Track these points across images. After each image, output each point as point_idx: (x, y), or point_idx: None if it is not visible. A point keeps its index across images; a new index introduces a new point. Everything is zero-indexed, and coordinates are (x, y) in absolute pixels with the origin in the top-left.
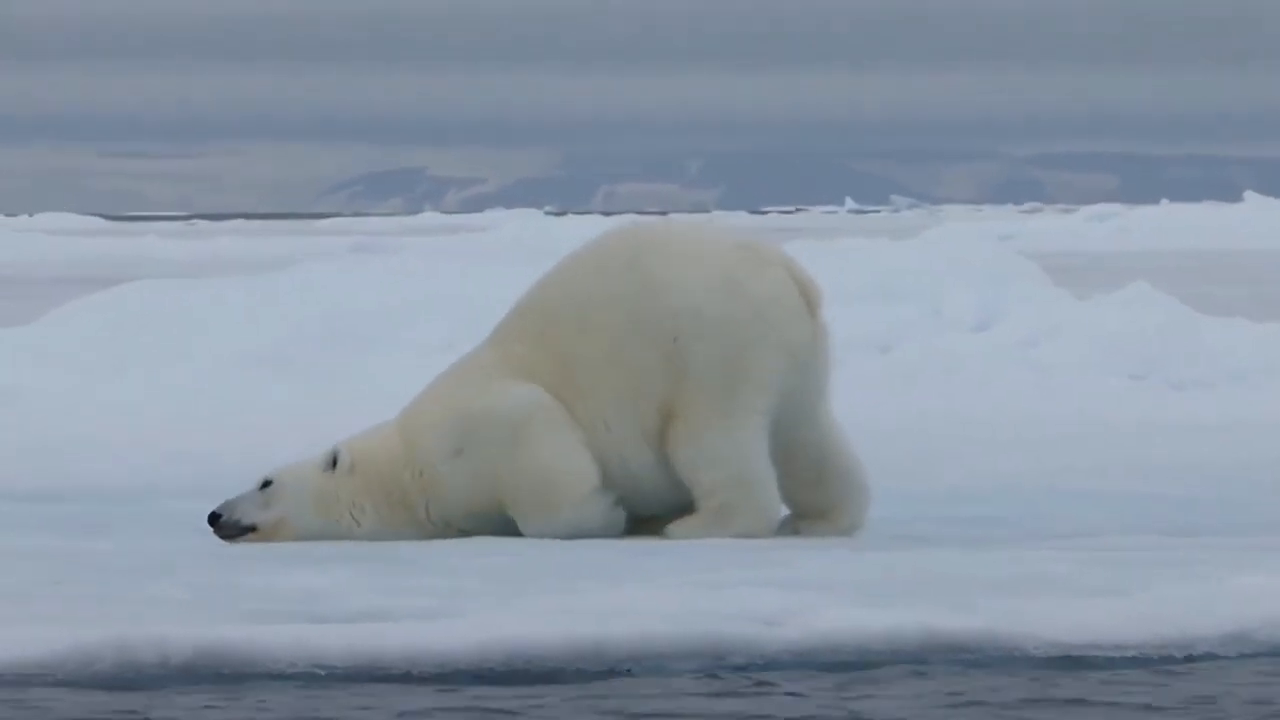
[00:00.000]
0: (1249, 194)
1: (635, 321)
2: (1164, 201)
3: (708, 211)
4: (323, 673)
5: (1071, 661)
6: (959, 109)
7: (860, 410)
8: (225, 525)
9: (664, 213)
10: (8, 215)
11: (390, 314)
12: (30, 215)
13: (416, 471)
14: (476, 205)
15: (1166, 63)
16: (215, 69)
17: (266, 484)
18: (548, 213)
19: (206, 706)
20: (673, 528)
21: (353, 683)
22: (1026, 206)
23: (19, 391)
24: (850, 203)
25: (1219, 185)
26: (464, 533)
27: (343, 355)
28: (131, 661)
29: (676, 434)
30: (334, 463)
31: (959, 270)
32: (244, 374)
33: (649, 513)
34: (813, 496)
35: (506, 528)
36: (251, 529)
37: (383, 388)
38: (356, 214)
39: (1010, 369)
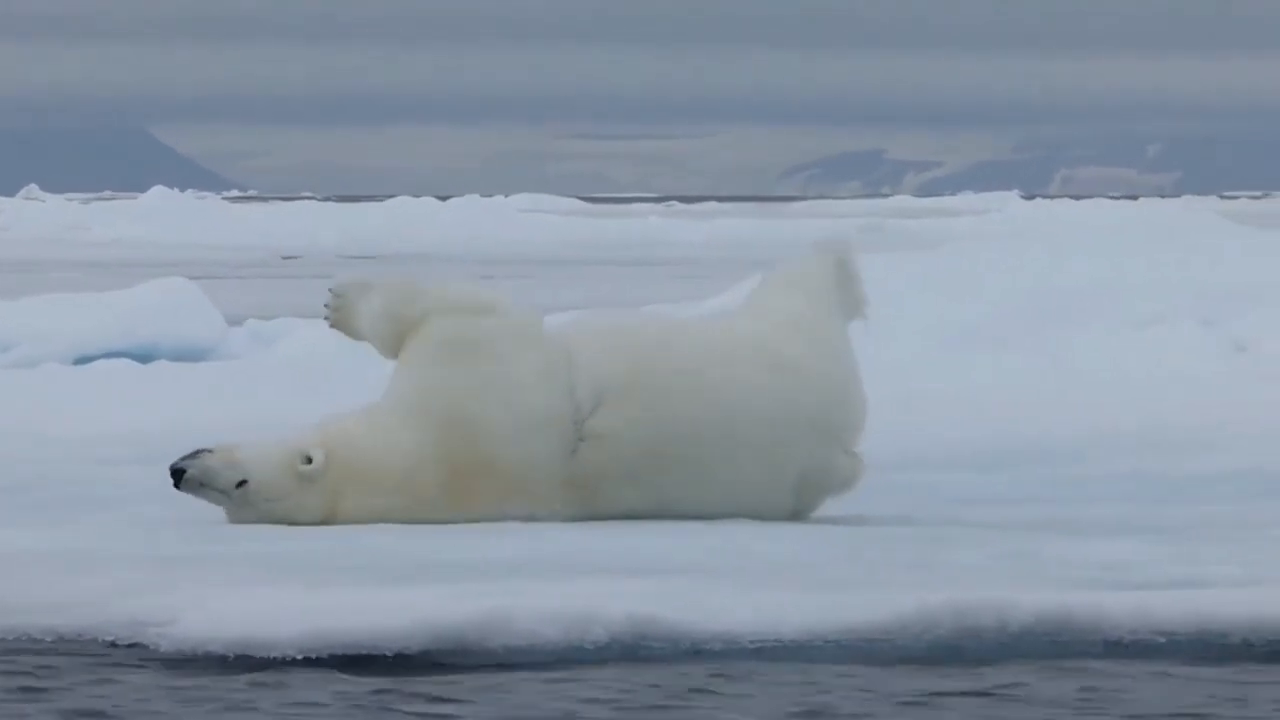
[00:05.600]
0: None
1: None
2: None
3: (1177, 196)
4: (1162, 640)
5: None
6: None
7: None
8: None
9: (1134, 197)
10: (484, 195)
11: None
12: (506, 196)
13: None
14: (934, 189)
15: None
16: (679, 54)
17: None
18: (1021, 197)
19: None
20: None
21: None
22: None
23: None
24: None
25: None
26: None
27: (1051, 330)
28: (971, 627)
29: None
30: (307, 460)
31: None
32: (952, 350)
33: None
34: None
35: None
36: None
37: (1086, 362)
38: (819, 196)
39: None
